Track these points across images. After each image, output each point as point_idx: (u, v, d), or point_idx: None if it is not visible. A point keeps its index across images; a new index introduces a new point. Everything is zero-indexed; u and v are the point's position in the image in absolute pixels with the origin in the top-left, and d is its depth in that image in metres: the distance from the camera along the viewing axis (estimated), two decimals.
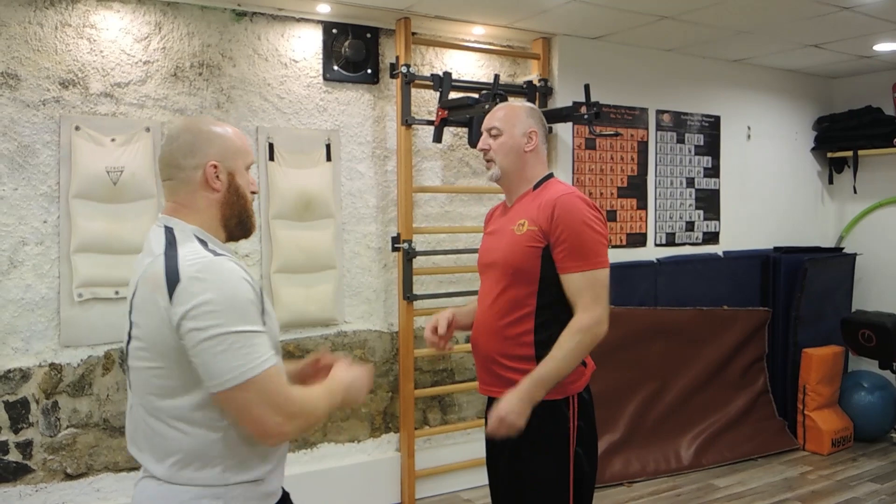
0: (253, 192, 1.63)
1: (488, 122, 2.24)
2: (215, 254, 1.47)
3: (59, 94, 3.18)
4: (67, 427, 3.22)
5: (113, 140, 3.24)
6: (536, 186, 2.20)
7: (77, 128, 3.19)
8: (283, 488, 1.65)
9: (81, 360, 3.24)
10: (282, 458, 1.63)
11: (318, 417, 1.55)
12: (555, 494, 2.09)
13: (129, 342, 1.51)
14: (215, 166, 1.54)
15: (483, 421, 2.49)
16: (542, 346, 2.06)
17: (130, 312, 1.49)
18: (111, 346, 3.29)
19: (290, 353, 3.67)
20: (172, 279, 1.39)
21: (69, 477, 3.22)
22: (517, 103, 2.31)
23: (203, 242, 1.51)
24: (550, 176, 2.23)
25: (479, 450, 2.84)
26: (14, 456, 3.12)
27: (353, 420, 3.84)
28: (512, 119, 2.20)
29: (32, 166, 3.14)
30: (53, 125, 3.17)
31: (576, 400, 2.12)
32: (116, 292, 3.24)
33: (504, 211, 2.29)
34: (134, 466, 3.34)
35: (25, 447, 3.14)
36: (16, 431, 3.13)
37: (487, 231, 2.35)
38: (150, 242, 1.51)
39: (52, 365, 3.18)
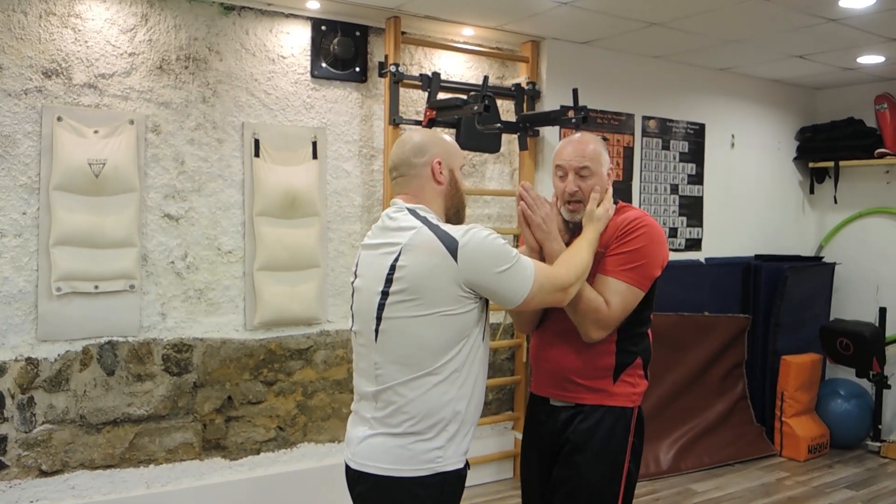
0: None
1: (576, 161, 2.13)
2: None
3: (42, 83, 3.13)
4: (43, 423, 3.16)
5: (96, 132, 3.19)
6: None
7: (59, 118, 3.13)
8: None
9: (59, 356, 3.18)
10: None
11: (586, 267, 1.98)
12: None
13: (383, 297, 1.76)
14: (440, 163, 1.87)
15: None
16: (623, 355, 2.14)
17: (391, 273, 1.75)
18: (89, 342, 3.24)
19: (271, 351, 3.64)
20: (451, 244, 1.73)
21: (44, 473, 3.16)
22: (591, 138, 2.20)
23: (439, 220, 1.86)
24: (616, 201, 2.23)
25: None
26: None
27: (333, 420, 3.81)
28: (599, 158, 2.15)
29: (12, 157, 3.08)
30: (35, 115, 3.11)
31: (636, 414, 2.18)
32: (96, 287, 3.19)
33: (571, 235, 2.20)
34: (110, 464, 3.29)
35: (0, 443, 3.09)
36: None
37: None
38: (397, 221, 1.82)
39: (28, 359, 3.13)
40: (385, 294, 1.76)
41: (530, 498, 2.31)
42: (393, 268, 1.75)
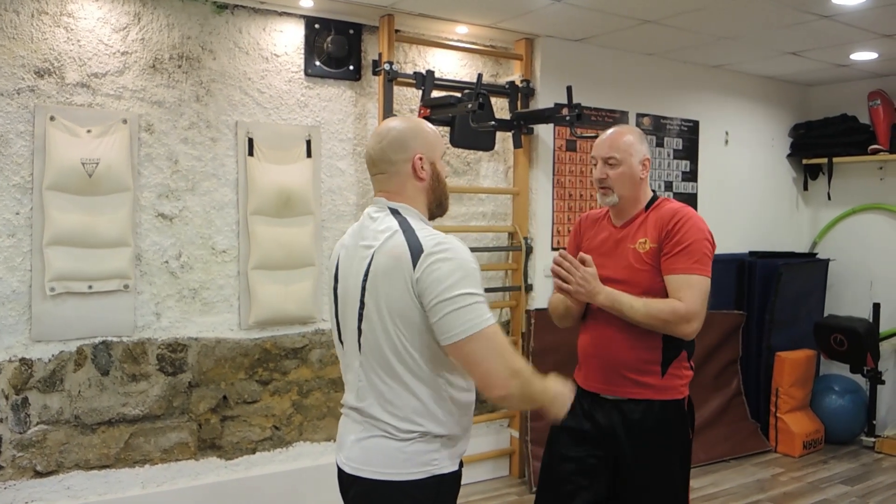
0: None
1: (605, 150, 2.28)
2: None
3: (35, 83, 3.11)
4: (37, 424, 3.15)
5: (89, 131, 3.18)
6: (648, 207, 2.30)
7: (52, 118, 3.12)
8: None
9: (53, 356, 3.17)
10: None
11: (531, 394, 1.68)
12: (679, 496, 2.28)
13: (361, 307, 1.70)
14: (421, 158, 1.77)
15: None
16: (669, 350, 2.21)
17: (365, 280, 1.69)
18: (84, 342, 3.23)
19: (266, 350, 3.64)
20: (416, 250, 1.63)
21: (39, 474, 3.16)
22: (628, 130, 2.32)
23: (423, 222, 1.76)
24: (657, 196, 2.33)
25: None
26: None
27: (329, 418, 3.81)
28: (629, 149, 2.26)
29: (5, 157, 3.07)
30: (28, 115, 3.10)
31: (687, 403, 2.28)
32: (90, 287, 3.18)
33: (614, 229, 2.35)
34: (105, 464, 3.28)
35: None
36: None
37: (591, 245, 2.38)
38: (376, 222, 1.75)
39: (22, 360, 3.11)
40: (363, 304, 1.71)
41: (560, 484, 2.32)
42: (367, 274, 1.70)
